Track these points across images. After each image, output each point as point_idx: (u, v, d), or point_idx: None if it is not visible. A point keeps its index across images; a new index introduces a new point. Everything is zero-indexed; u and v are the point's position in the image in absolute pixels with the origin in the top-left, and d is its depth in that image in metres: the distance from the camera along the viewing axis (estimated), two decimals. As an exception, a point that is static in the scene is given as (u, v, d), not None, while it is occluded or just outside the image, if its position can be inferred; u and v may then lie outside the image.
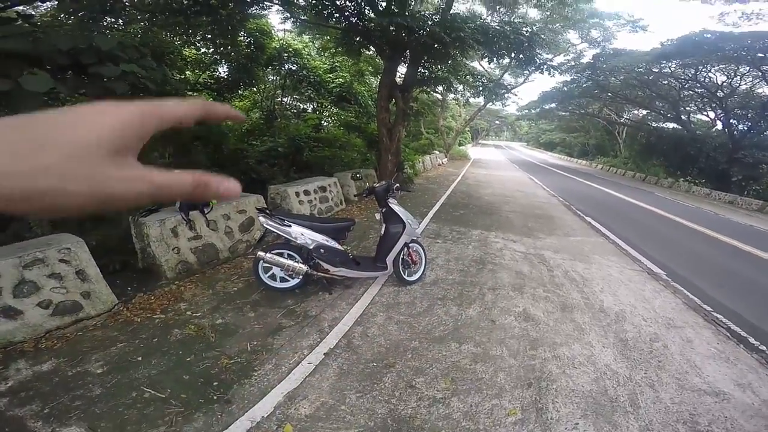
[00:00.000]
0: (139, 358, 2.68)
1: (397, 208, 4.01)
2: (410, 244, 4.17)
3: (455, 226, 7.19)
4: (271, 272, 3.76)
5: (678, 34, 17.87)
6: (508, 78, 24.24)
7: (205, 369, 2.62)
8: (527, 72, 22.44)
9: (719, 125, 21.89)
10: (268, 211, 3.68)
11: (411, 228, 4.02)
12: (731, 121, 19.96)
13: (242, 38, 10.64)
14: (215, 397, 2.36)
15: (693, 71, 18.86)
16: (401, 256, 4.09)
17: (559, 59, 22.35)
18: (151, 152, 6.96)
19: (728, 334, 3.73)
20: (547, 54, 16.87)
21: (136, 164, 0.29)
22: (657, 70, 19.82)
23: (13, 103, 4.48)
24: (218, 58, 10.95)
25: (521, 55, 9.30)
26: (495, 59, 9.88)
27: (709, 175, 19.39)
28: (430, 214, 8.03)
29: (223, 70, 11.86)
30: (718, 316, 4.16)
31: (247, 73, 11.17)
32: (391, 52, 9.04)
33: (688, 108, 23.38)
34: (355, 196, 4.64)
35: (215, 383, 2.49)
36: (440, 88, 14.93)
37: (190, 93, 9.94)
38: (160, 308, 3.38)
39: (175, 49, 9.05)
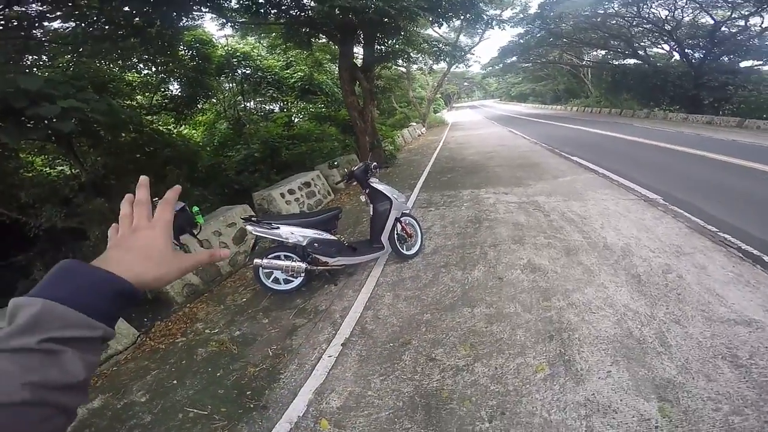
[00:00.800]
0: (175, 382, 2.75)
1: (379, 185, 3.96)
2: (401, 219, 4.14)
3: (445, 190, 7.18)
4: (273, 276, 3.74)
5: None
6: (464, 39, 24.04)
7: (235, 381, 2.67)
8: (480, 30, 22.31)
9: (677, 56, 22.00)
10: (253, 219, 3.64)
11: (398, 202, 3.98)
12: (686, 51, 20.12)
13: (183, 52, 10.25)
14: (252, 406, 2.41)
15: (635, 8, 19.00)
16: (395, 232, 4.06)
17: (508, 14, 22.27)
18: (129, 183, 6.77)
19: (741, 255, 3.46)
20: (495, 10, 16.72)
21: (179, 252, 0.56)
22: (602, 11, 20.04)
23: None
24: (164, 76, 10.57)
25: (468, 14, 9.23)
26: (444, 22, 9.74)
27: (682, 102, 19.48)
28: (419, 185, 8.03)
29: (174, 88, 11.47)
30: (726, 236, 3.87)
31: (201, 86, 10.82)
32: (343, 36, 8.83)
33: (642, 43, 23.42)
34: (337, 183, 4.55)
35: (248, 392, 2.53)
36: (400, 60, 14.69)
37: (147, 117, 9.64)
38: (179, 332, 3.43)
39: (114, 76, 8.68)
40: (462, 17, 9.45)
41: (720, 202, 4.95)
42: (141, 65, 9.64)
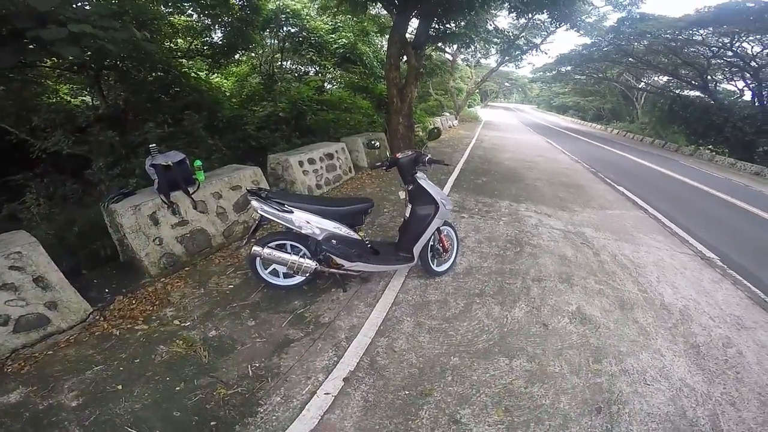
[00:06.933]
0: (119, 387, 2.14)
1: (427, 184, 3.19)
2: (442, 228, 3.43)
3: (479, 196, 6.52)
4: (272, 267, 3.08)
5: (716, 2, 16.52)
6: (523, 41, 22.75)
7: (198, 402, 2.06)
8: (545, 33, 21.07)
9: (747, 95, 20.87)
10: (263, 193, 2.89)
11: (445, 209, 3.21)
12: (763, 92, 18.79)
13: (234, 0, 9.62)
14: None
15: (728, 40, 17.57)
16: (431, 243, 3.37)
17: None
18: (145, 121, 6.29)
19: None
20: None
21: None
22: (685, 37, 18.44)
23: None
24: (209, 23, 9.93)
25: (556, 11, 8.33)
26: (525, 14, 8.79)
27: (734, 145, 18.40)
28: (450, 182, 7.38)
29: (216, 36, 10.87)
30: (790, 315, 3.48)
31: (243, 38, 10.22)
32: (402, 5, 8.03)
33: (715, 77, 22.05)
34: (373, 167, 3.76)
35: (213, 422, 1.94)
36: (455, 46, 13.76)
37: (182, 60, 9.08)
38: (142, 316, 2.77)
39: (158, 15, 8.07)
40: (545, 12, 8.56)
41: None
42: (187, 5, 9.03)
